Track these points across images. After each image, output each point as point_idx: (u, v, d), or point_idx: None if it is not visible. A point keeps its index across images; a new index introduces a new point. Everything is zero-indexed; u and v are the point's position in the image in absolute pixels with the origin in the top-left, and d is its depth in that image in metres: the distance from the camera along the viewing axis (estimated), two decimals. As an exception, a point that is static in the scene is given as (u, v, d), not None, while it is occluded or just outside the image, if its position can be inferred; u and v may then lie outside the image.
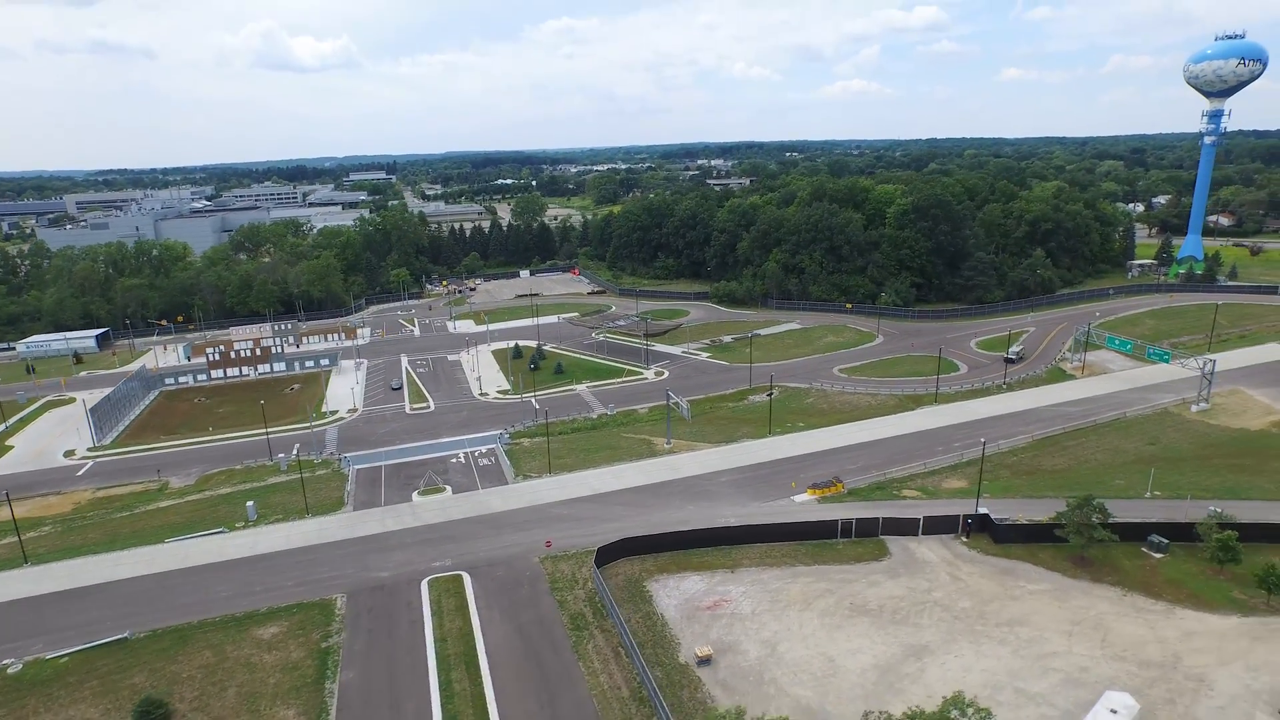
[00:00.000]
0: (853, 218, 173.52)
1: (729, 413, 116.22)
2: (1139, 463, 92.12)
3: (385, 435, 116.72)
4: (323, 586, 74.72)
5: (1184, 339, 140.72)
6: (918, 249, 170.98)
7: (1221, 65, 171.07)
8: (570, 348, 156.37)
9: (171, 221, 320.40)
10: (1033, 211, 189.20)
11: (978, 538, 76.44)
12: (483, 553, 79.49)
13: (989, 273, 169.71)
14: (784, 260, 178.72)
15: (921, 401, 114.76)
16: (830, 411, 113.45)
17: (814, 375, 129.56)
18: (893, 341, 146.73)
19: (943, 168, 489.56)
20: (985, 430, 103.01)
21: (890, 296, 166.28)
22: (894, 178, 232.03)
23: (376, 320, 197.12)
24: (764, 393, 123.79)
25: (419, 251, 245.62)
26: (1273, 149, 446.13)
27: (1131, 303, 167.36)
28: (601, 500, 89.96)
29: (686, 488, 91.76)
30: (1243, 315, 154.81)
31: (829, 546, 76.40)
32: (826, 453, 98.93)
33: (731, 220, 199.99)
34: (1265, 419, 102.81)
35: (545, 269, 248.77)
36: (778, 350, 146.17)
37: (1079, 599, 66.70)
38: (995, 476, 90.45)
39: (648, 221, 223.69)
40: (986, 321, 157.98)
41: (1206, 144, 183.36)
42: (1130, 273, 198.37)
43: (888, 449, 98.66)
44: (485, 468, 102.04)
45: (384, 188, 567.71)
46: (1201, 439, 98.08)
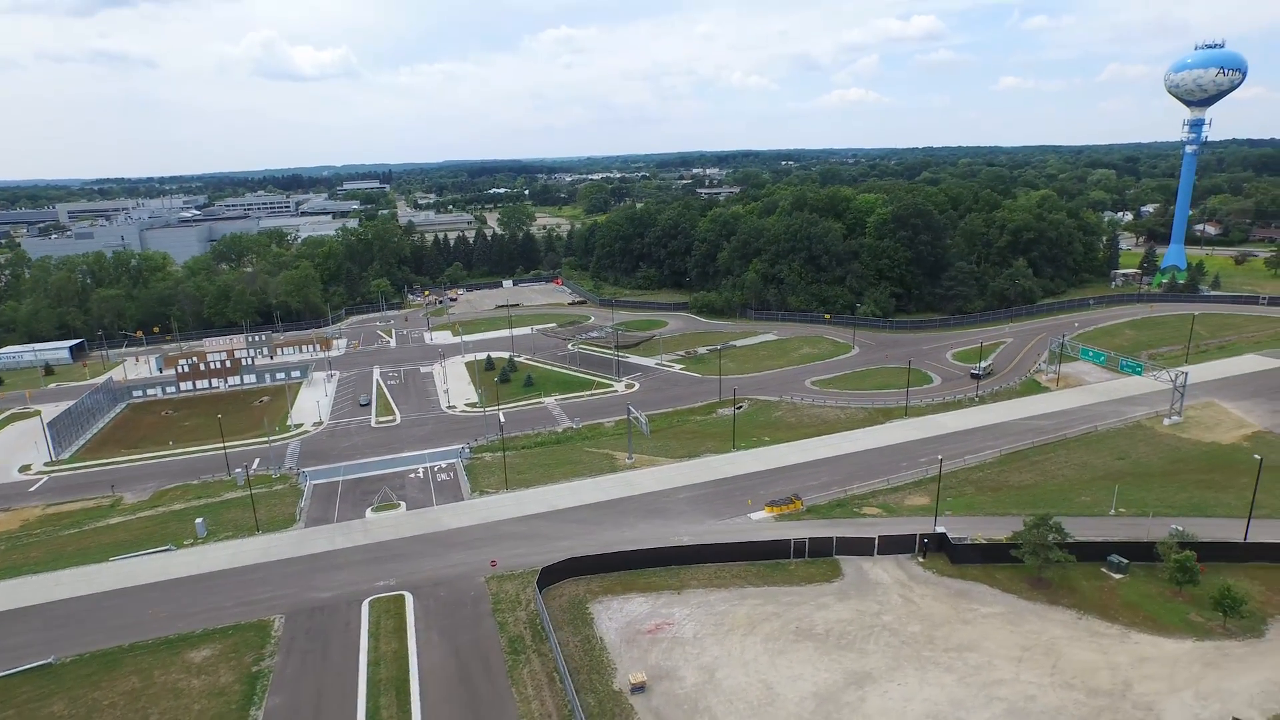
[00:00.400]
0: (832, 227, 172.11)
1: (696, 427, 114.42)
2: (1107, 478, 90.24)
3: (347, 449, 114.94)
4: (263, 607, 72.82)
5: (1163, 350, 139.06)
6: (897, 259, 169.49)
7: (1201, 74, 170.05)
8: (544, 359, 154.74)
9: (157, 231, 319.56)
10: (1015, 221, 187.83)
11: (934, 558, 74.51)
12: (429, 572, 77.61)
13: (969, 283, 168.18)
14: (763, 270, 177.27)
15: (891, 415, 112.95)
16: (798, 425, 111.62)
17: (786, 388, 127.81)
18: (868, 353, 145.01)
19: (935, 176, 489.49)
20: (953, 445, 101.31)
21: (869, 307, 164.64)
22: (877, 187, 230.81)
23: (354, 331, 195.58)
24: (734, 406, 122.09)
25: (401, 262, 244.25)
26: (1264, 158, 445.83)
27: (1112, 313, 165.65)
28: (556, 517, 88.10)
29: (643, 505, 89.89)
30: (1223, 325, 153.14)
31: (781, 567, 74.45)
32: (790, 468, 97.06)
33: (712, 230, 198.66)
34: (1237, 433, 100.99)
35: (529, 279, 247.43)
36: (752, 362, 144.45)
37: (1033, 622, 64.73)
38: (960, 493, 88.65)
39: (630, 231, 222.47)
40: (964, 332, 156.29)
41: (1188, 153, 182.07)
42: (1114, 282, 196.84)
43: (852, 464, 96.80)
44: (443, 483, 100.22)
45: (377, 197, 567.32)
46: (1171, 454, 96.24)
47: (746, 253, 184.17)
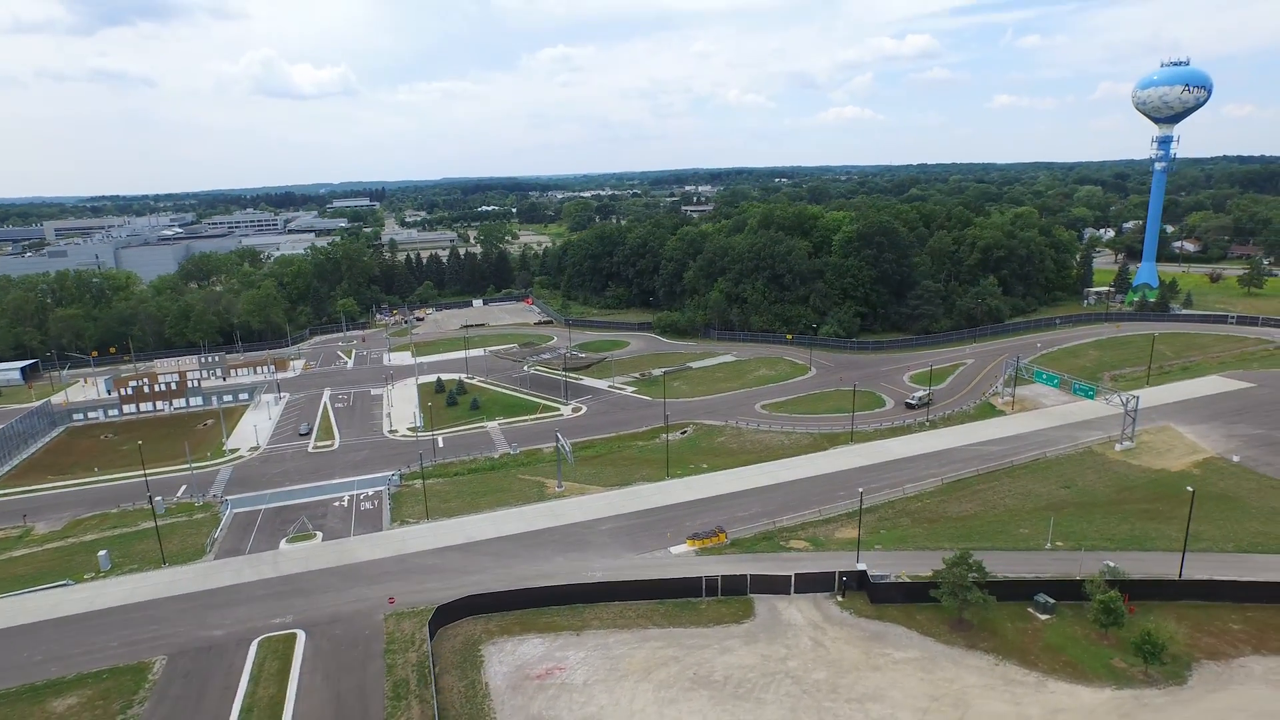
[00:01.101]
0: (796, 245, 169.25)
1: (636, 453, 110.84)
2: (1049, 508, 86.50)
3: (278, 476, 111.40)
4: (147, 647, 69.08)
5: (1125, 371, 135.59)
6: (861, 277, 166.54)
7: (1167, 91, 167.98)
8: (498, 382, 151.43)
9: (134, 250, 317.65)
10: (985, 239, 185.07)
11: (854, 596, 70.71)
12: (329, 608, 73.89)
13: (935, 301, 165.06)
14: (728, 290, 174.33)
15: (837, 441, 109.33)
16: (740, 452, 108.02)
17: (735, 412, 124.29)
18: (825, 375, 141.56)
19: (922, 194, 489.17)
20: (896, 472, 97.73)
21: (832, 327, 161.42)
22: (847, 205, 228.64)
23: (315, 351, 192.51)
24: (678, 431, 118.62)
25: (371, 281, 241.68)
26: (1250, 174, 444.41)
27: (1078, 333, 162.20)
28: (472, 549, 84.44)
29: (564, 536, 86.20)
30: (1189, 345, 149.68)
31: (691, 606, 70.65)
32: (722, 498, 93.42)
33: (679, 249, 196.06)
34: (1188, 459, 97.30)
35: (500, 298, 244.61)
36: (706, 384, 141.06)
37: (946, 669, 60.86)
38: (894, 525, 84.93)
39: (599, 250, 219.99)
40: (926, 353, 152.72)
41: (1158, 170, 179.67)
42: (1087, 300, 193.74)
43: (786, 494, 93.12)
44: (366, 512, 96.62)
45: (364, 215, 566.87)
46: (1119, 481, 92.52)
47: (712, 272, 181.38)
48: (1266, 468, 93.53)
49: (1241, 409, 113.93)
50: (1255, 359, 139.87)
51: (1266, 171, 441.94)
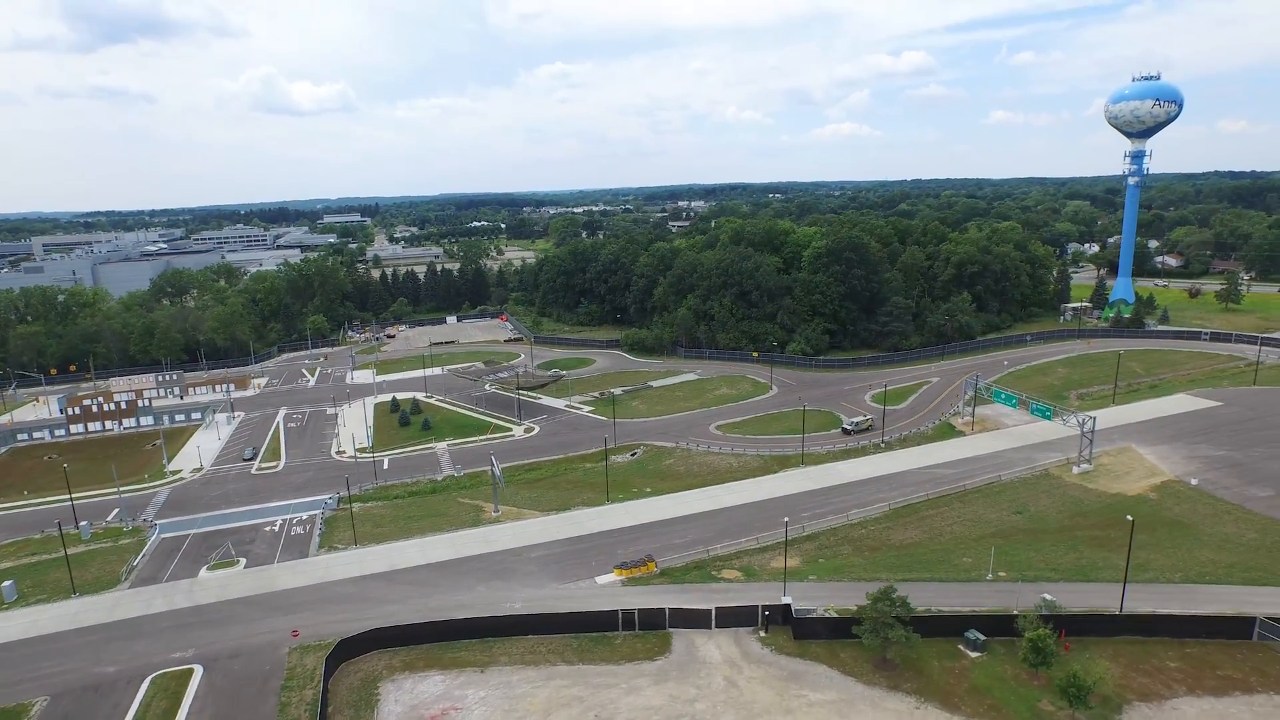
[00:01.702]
0: (764, 262, 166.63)
1: (582, 475, 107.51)
2: (997, 535, 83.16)
3: (216, 498, 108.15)
4: (31, 687, 65.62)
5: (1093, 389, 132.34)
6: (829, 294, 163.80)
7: (1138, 106, 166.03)
8: (456, 400, 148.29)
9: (113, 265, 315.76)
10: (959, 254, 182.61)
11: (778, 632, 67.26)
12: (233, 641, 70.51)
13: (905, 318, 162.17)
14: (696, 306, 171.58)
15: (788, 463, 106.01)
16: (687, 475, 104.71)
17: (689, 432, 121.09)
18: (787, 394, 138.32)
19: (912, 208, 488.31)
20: (844, 497, 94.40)
21: (799, 344, 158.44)
22: (821, 220, 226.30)
23: (281, 369, 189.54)
24: (628, 452, 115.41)
25: (345, 297, 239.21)
26: (1239, 189, 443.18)
27: (1049, 349, 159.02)
28: (394, 578, 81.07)
29: (491, 564, 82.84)
30: (1160, 362, 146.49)
31: (605, 641, 67.21)
32: (661, 524, 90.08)
33: (650, 265, 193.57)
34: (1145, 482, 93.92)
35: (474, 315, 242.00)
36: (665, 404, 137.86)
37: (864, 713, 57.35)
38: (834, 553, 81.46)
39: (572, 267, 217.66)
40: (891, 371, 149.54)
41: (1131, 185, 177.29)
42: (1064, 316, 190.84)
43: (727, 520, 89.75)
44: (295, 537, 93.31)
45: (354, 230, 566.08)
46: (1072, 506, 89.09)
47: (681, 288, 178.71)
48: (1224, 491, 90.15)
49: (1206, 429, 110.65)
50: (1225, 376, 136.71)
51: (1254, 187, 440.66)
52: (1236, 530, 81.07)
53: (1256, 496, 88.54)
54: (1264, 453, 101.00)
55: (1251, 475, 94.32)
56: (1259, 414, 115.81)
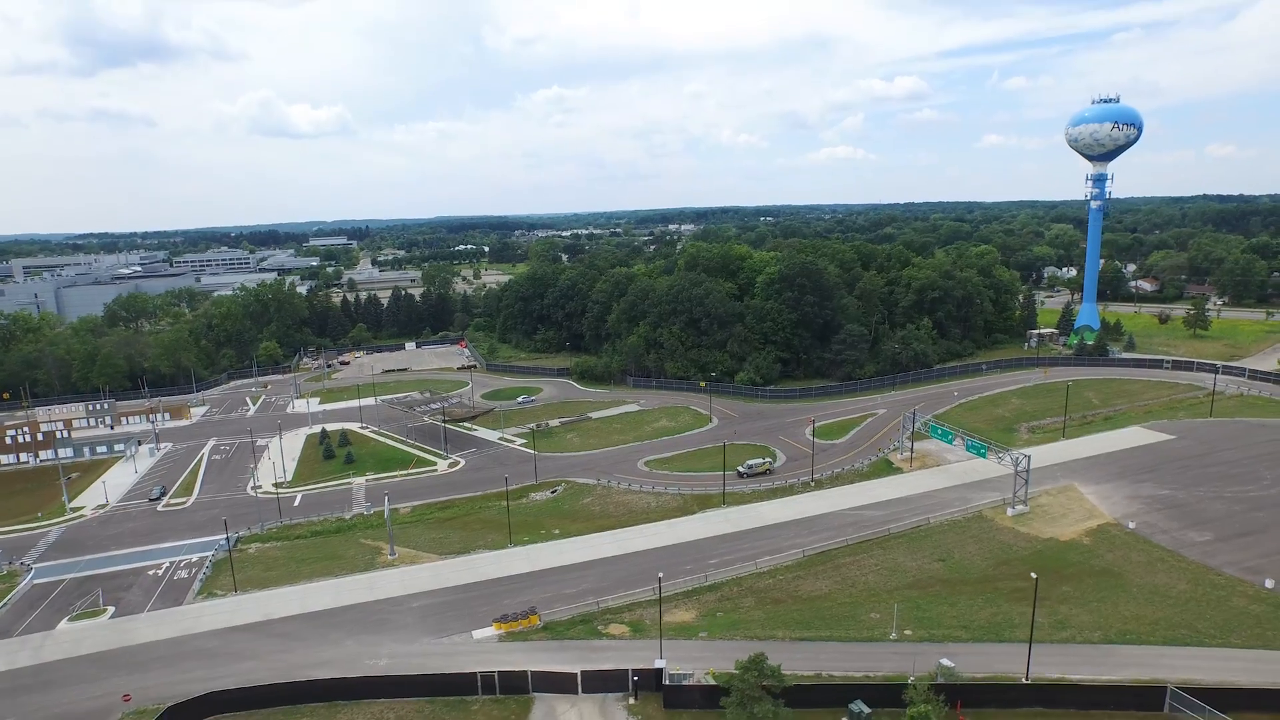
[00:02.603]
0: (714, 288, 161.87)
1: (495, 514, 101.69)
2: (914, 586, 77.35)
3: (110, 538, 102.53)
4: None
5: (1045, 421, 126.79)
6: (781, 321, 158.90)
7: (1097, 129, 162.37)
8: (390, 432, 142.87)
9: (79, 289, 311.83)
10: (921, 279, 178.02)
11: (648, 699, 61.37)
12: (59, 708, 64.69)
13: (859, 346, 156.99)
14: (646, 334, 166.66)
15: (709, 503, 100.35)
16: (600, 516, 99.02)
17: (616, 468, 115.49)
18: (727, 426, 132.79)
19: (897, 231, 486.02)
20: (759, 541, 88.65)
21: (749, 373, 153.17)
22: (782, 245, 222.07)
23: (226, 397, 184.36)
24: (549, 489, 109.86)
25: (304, 323, 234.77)
26: (1223, 213, 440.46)
27: (1005, 379, 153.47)
28: (263, 630, 75.32)
29: (369, 614, 77.07)
30: (1118, 392, 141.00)
31: (462, 706, 61.40)
32: (560, 570, 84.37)
33: (606, 292, 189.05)
34: (1081, 525, 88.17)
35: (434, 341, 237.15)
36: (600, 436, 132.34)
37: (723, 794, 51.33)
38: (735, 606, 75.61)
39: (530, 292, 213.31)
40: (839, 402, 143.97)
41: (1093, 209, 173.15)
42: (1029, 342, 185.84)
43: (630, 567, 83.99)
44: (177, 583, 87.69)
45: (338, 253, 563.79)
46: (999, 553, 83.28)
47: (634, 315, 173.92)
48: (1161, 536, 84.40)
49: (1153, 465, 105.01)
50: (1183, 407, 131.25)
51: (1239, 210, 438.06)
52: (1168, 580, 75.27)
53: (1193, 542, 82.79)
54: (1208, 491, 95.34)
55: (1192, 517, 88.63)
56: (1210, 448, 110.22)
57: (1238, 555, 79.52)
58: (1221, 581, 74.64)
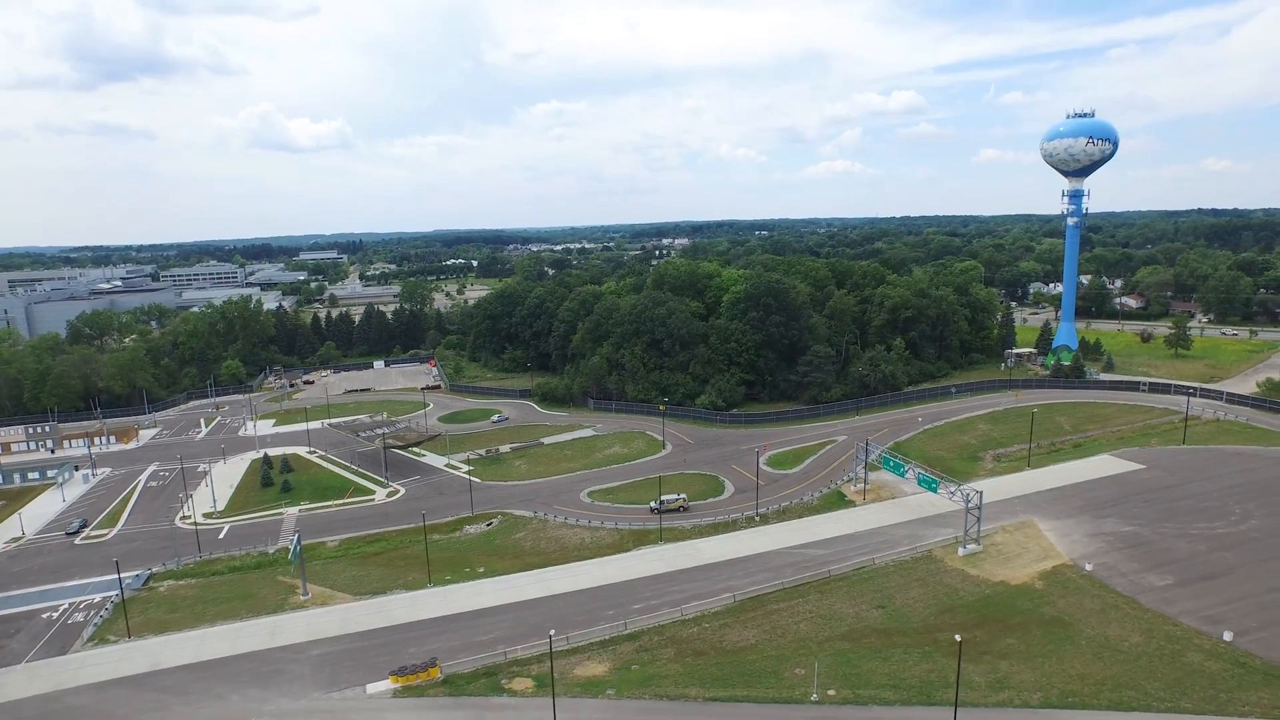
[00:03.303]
0: (677, 308, 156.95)
1: (423, 550, 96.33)
2: (847, 638, 71.91)
3: (14, 576, 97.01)
4: None
5: (1012, 449, 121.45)
6: (745, 342, 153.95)
7: (1072, 143, 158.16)
8: (336, 457, 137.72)
9: (51, 305, 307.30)
10: (893, 298, 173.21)
11: (537, 768, 55.87)
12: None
13: (826, 368, 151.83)
14: (609, 355, 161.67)
15: (646, 539, 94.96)
16: (531, 552, 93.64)
17: (557, 499, 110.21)
18: (680, 454, 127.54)
19: (888, 246, 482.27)
20: (691, 583, 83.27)
21: (711, 396, 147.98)
22: (754, 261, 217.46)
23: (179, 418, 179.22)
24: (485, 522, 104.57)
25: (271, 340, 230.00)
26: (1215, 228, 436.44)
27: (975, 402, 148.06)
28: (145, 683, 69.95)
29: (263, 664, 71.67)
30: (1091, 417, 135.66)
31: (331, 780, 55.87)
32: (476, 614, 79.02)
33: (572, 311, 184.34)
34: (1035, 567, 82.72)
35: (404, 359, 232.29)
36: (548, 464, 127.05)
37: None
38: (653, 658, 70.12)
39: (498, 310, 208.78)
40: (799, 428, 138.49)
41: (1070, 225, 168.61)
42: (1007, 362, 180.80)
43: (550, 611, 78.57)
44: (70, 627, 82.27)
45: (327, 267, 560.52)
46: (945, 599, 77.80)
47: (598, 335, 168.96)
48: (1119, 580, 78.92)
49: (1120, 498, 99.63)
50: (1156, 433, 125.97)
51: (1231, 225, 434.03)
52: (1120, 632, 69.76)
53: (1152, 586, 77.32)
54: (1174, 528, 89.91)
55: (1154, 558, 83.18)
56: (1180, 479, 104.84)
57: (1198, 602, 74.07)
58: (1178, 633, 69.16)
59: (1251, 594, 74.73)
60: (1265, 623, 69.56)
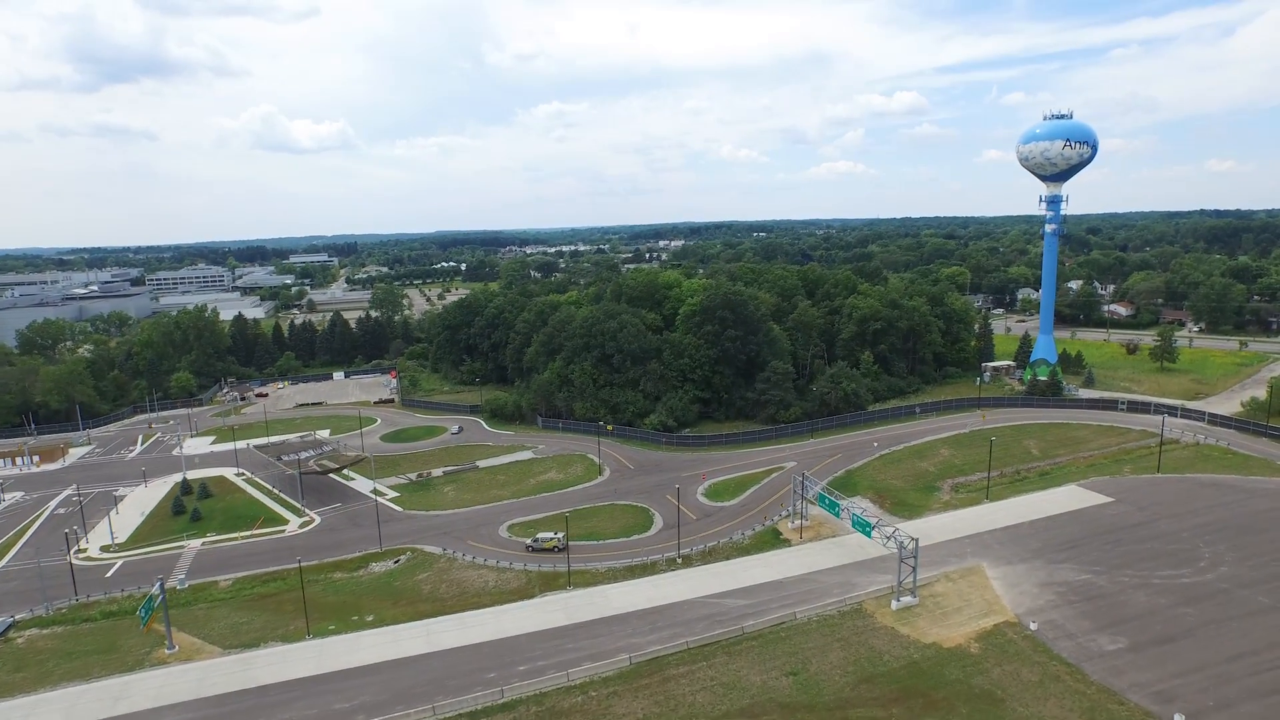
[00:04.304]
0: (629, 321, 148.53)
1: (324, 590, 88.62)
2: (747, 713, 63.75)
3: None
4: None
5: (974, 478, 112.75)
6: (699, 358, 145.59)
7: (1048, 146, 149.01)
8: (265, 480, 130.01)
9: (17, 311, 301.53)
10: (862, 309, 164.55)
11: None
12: None
13: (785, 385, 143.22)
14: (560, 370, 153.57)
15: (554, 583, 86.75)
16: (429, 597, 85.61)
17: (475, 532, 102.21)
18: (618, 481, 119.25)
19: (883, 249, 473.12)
20: (590, 639, 75.09)
21: (662, 415, 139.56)
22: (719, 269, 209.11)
23: (116, 435, 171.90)
24: (394, 558, 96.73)
25: (229, 350, 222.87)
26: (1214, 229, 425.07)
27: (939, 424, 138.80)
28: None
29: (89, 743, 63.77)
30: (1062, 441, 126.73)
31: None
32: (345, 674, 70.99)
33: (529, 322, 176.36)
34: (975, 625, 74.15)
35: (366, 370, 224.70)
36: (478, 490, 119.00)
37: None
38: (529, 732, 61.95)
39: (457, 320, 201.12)
40: (748, 452, 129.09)
41: (1048, 233, 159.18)
42: (983, 377, 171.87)
43: (425, 672, 70.56)
44: (-98, 688, 74.49)
45: (316, 270, 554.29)
46: (866, 665, 69.24)
47: (552, 348, 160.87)
48: (1066, 643, 70.28)
49: (1080, 538, 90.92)
50: (1130, 459, 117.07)
51: (1231, 227, 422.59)
52: (1057, 713, 61.19)
53: (1102, 651, 68.69)
54: (1135, 576, 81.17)
55: (1109, 614, 74.50)
56: (1149, 515, 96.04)
57: (1150, 673, 65.40)
58: (1123, 714, 60.57)
59: (1210, 663, 66.04)
60: (1221, 702, 60.90)
